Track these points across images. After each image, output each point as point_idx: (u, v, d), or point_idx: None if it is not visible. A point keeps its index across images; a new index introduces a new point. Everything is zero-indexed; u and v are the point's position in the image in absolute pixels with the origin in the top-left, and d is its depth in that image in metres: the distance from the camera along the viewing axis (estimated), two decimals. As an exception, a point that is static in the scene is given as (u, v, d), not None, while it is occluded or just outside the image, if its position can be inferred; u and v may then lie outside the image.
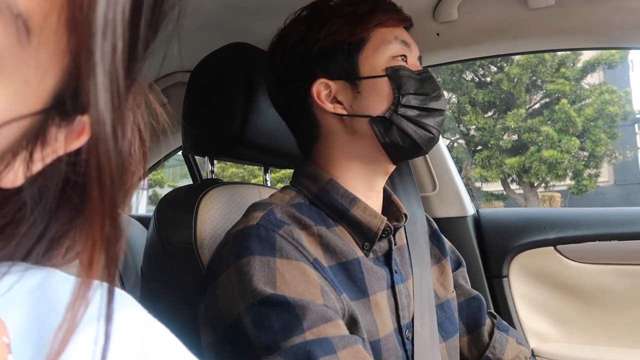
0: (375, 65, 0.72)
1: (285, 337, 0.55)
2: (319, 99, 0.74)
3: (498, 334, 0.88)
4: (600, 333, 1.16)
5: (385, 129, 0.71)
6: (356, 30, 0.73)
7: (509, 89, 9.26)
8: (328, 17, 0.74)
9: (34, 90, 0.22)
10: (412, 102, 0.71)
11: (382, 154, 0.74)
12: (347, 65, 0.73)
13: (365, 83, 0.73)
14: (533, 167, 9.05)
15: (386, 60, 0.73)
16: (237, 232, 0.64)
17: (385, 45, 0.73)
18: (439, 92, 0.74)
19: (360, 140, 0.74)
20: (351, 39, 0.73)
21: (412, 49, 0.76)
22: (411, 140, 0.72)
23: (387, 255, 0.76)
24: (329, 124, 0.75)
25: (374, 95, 0.72)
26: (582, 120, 8.91)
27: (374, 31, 0.74)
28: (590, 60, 9.29)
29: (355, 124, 0.73)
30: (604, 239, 1.16)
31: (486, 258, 1.29)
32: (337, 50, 0.73)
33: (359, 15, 0.74)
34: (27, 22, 0.19)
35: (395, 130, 0.71)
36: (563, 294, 1.21)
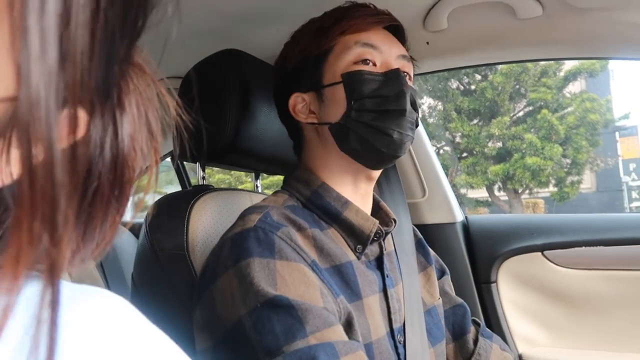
0: (335, 72, 0.74)
1: (288, 341, 0.55)
2: (294, 111, 0.78)
3: (482, 341, 0.89)
4: (588, 337, 1.18)
5: (343, 135, 0.73)
6: (321, 42, 0.76)
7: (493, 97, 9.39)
8: (301, 35, 0.79)
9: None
10: (366, 106, 0.71)
11: (350, 161, 0.75)
12: (315, 76, 0.76)
13: (327, 91, 0.75)
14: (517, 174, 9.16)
15: (346, 66, 0.74)
16: (235, 235, 0.64)
17: (345, 52, 0.74)
18: (400, 91, 0.71)
19: (330, 147, 0.76)
20: (317, 51, 0.76)
21: (385, 49, 0.75)
22: (370, 145, 0.71)
23: (378, 260, 0.77)
24: (307, 134, 0.79)
25: (332, 103, 0.74)
26: (565, 128, 9.07)
27: (337, 40, 0.76)
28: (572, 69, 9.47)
29: (324, 131, 0.76)
30: (590, 245, 1.18)
31: (475, 264, 1.30)
32: (306, 64, 0.77)
33: (325, 27, 0.77)
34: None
35: (352, 136, 0.72)
36: (550, 299, 1.22)
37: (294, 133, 0.83)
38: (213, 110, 0.86)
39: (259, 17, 1.03)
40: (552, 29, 1.00)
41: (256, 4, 0.98)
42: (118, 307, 0.30)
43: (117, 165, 0.25)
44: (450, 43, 1.11)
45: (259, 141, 0.89)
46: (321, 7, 0.82)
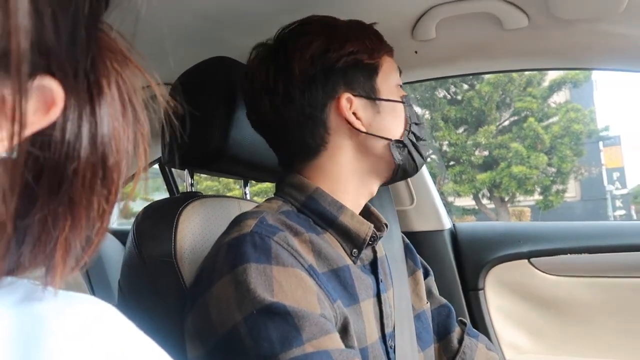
0: (391, 90, 0.78)
1: (284, 349, 0.54)
2: (343, 109, 0.73)
3: (468, 340, 0.90)
4: (573, 344, 1.19)
5: (400, 151, 0.76)
6: (374, 54, 0.76)
7: (480, 106, 9.50)
8: (347, 35, 0.75)
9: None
10: (416, 130, 0.79)
11: (383, 174, 0.78)
12: (368, 85, 0.76)
13: (385, 105, 0.76)
14: (503, 182, 9.27)
15: (394, 87, 0.78)
16: (232, 240, 0.63)
17: (393, 74, 0.79)
18: (423, 123, 0.82)
19: (370, 157, 0.76)
20: (370, 61, 0.76)
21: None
22: (414, 164, 0.79)
23: (372, 264, 0.77)
24: (339, 138, 0.75)
25: (393, 118, 0.77)
26: (550, 137, 9.21)
27: (384, 58, 0.78)
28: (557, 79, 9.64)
29: (370, 142, 0.75)
30: (575, 252, 1.20)
31: (462, 271, 1.31)
32: (359, 69, 0.75)
33: (374, 40, 0.78)
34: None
35: (406, 154, 0.77)
36: (537, 306, 1.23)
37: (311, 134, 0.74)
38: (202, 116, 0.86)
39: (248, 24, 1.04)
40: (537, 39, 1.02)
41: (245, 11, 0.98)
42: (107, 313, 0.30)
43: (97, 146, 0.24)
44: (439, 52, 1.12)
45: (248, 148, 0.89)
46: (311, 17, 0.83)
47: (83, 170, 0.23)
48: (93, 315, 0.29)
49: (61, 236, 0.25)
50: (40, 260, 0.25)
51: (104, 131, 0.23)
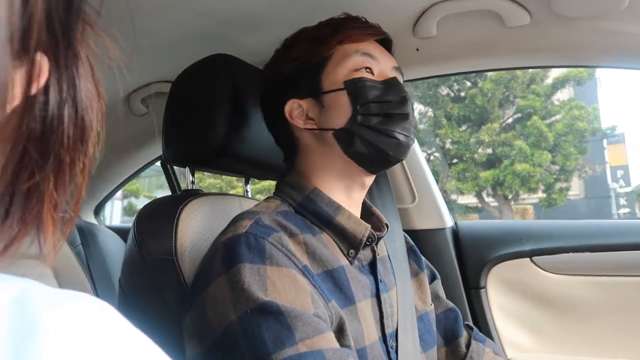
0: (335, 79, 0.76)
1: (277, 349, 0.54)
2: (291, 117, 0.78)
3: (475, 345, 0.90)
4: (575, 343, 1.19)
5: (348, 139, 0.74)
6: (318, 50, 0.78)
7: (482, 103, 9.47)
8: (296, 42, 0.80)
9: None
10: (372, 110, 0.73)
11: (354, 165, 0.76)
12: (312, 83, 0.77)
13: (327, 97, 0.76)
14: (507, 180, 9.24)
15: (347, 73, 0.76)
16: (227, 240, 0.64)
17: (345, 60, 0.76)
18: (402, 97, 0.75)
19: (331, 152, 0.76)
20: (314, 59, 0.77)
21: (381, 60, 0.78)
22: (375, 148, 0.73)
23: (371, 264, 0.77)
24: (304, 139, 0.79)
25: (335, 108, 0.75)
26: (554, 135, 9.17)
27: (335, 48, 0.77)
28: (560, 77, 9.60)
29: (325, 137, 0.76)
30: (577, 251, 1.19)
31: (464, 269, 1.30)
32: (303, 71, 0.78)
33: (323, 36, 0.78)
34: None
35: (357, 140, 0.73)
36: (539, 305, 1.23)
37: (285, 139, 0.82)
38: (203, 114, 0.86)
39: (249, 22, 1.04)
40: (539, 37, 1.02)
41: (247, 9, 0.98)
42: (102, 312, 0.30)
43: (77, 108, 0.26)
44: (440, 50, 1.12)
45: (249, 146, 0.89)
46: (311, 15, 0.83)
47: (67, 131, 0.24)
48: (88, 314, 0.29)
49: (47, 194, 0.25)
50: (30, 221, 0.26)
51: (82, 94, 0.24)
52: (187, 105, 0.90)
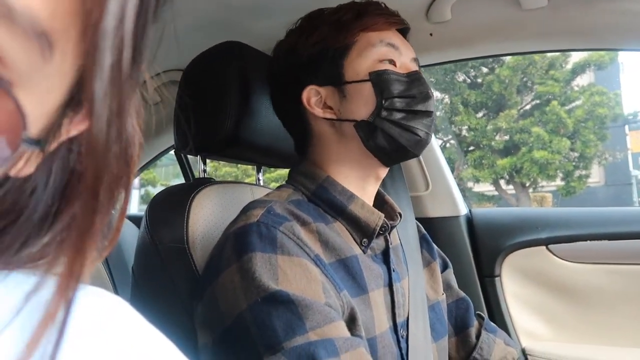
0: (359, 69, 0.74)
1: (288, 337, 0.54)
2: (309, 104, 0.76)
3: (485, 335, 0.89)
4: (592, 332, 1.17)
5: (370, 132, 0.72)
6: (341, 36, 0.74)
7: (500, 90, 9.33)
8: (316, 25, 0.76)
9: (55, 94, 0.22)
10: (396, 105, 0.72)
11: (371, 157, 0.75)
12: (334, 70, 0.75)
13: (350, 87, 0.74)
14: (524, 168, 9.12)
15: (371, 63, 0.73)
16: (238, 230, 0.64)
17: (369, 49, 0.74)
18: (426, 94, 0.73)
19: (349, 143, 0.75)
20: (337, 45, 0.74)
21: (403, 51, 0.76)
22: (397, 143, 0.72)
23: (384, 254, 0.76)
24: (320, 128, 0.77)
25: (358, 100, 0.73)
26: (573, 122, 9.00)
27: (359, 35, 0.75)
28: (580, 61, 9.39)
29: (344, 127, 0.75)
30: (595, 239, 1.17)
31: (478, 257, 1.29)
32: (324, 57, 0.75)
33: (345, 21, 0.75)
34: (50, 38, 0.19)
35: (379, 134, 0.72)
36: (555, 293, 1.21)
37: (298, 127, 0.80)
38: (214, 102, 0.86)
39: (260, 9, 1.03)
40: (557, 19, 0.99)
41: (257, -5, 0.97)
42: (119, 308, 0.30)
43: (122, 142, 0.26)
44: (454, 35, 1.10)
45: (260, 134, 0.89)
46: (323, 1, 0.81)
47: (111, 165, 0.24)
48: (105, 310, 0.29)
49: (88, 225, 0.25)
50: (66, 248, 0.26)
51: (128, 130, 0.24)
52: (198, 93, 0.90)
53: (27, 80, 0.20)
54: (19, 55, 0.19)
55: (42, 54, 0.19)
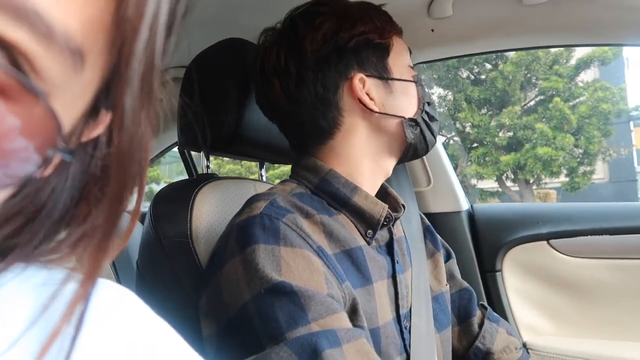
0: (402, 69, 0.78)
1: (291, 328, 0.55)
2: (357, 90, 0.72)
3: (488, 325, 0.89)
4: (593, 326, 1.18)
5: (413, 130, 0.76)
6: (384, 34, 0.76)
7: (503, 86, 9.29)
8: (359, 15, 0.74)
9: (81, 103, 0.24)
10: (429, 110, 0.79)
11: (396, 153, 0.79)
12: (380, 64, 0.76)
13: (397, 84, 0.76)
14: (528, 164, 9.09)
15: (406, 68, 0.78)
16: (241, 222, 0.64)
17: (403, 54, 0.79)
18: (433, 102, 0.81)
19: (383, 137, 0.76)
20: (381, 41, 0.75)
21: None
22: (425, 143, 0.79)
23: (388, 245, 0.77)
24: (352, 119, 0.74)
25: (406, 97, 0.77)
26: (577, 118, 8.96)
27: (394, 38, 0.78)
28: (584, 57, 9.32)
29: (384, 121, 0.75)
30: (595, 234, 1.17)
31: (480, 252, 1.30)
32: (370, 49, 0.75)
33: (384, 20, 0.77)
34: (82, 54, 0.21)
35: (419, 133, 0.77)
36: (556, 288, 1.22)
37: (323, 116, 0.74)
38: (216, 99, 0.86)
39: (263, 6, 1.03)
40: (559, 14, 0.99)
41: (259, -8, 0.98)
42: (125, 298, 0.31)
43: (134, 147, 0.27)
44: (456, 30, 1.10)
45: (263, 130, 0.89)
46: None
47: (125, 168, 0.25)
48: (112, 300, 0.30)
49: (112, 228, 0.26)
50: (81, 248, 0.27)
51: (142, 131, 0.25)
52: (201, 90, 0.91)
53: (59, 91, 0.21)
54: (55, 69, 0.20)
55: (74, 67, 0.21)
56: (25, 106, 0.19)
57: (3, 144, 0.19)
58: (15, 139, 0.19)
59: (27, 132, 0.20)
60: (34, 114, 0.20)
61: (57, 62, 0.20)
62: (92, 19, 0.21)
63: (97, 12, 0.21)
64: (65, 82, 0.21)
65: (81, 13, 0.20)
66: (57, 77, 0.20)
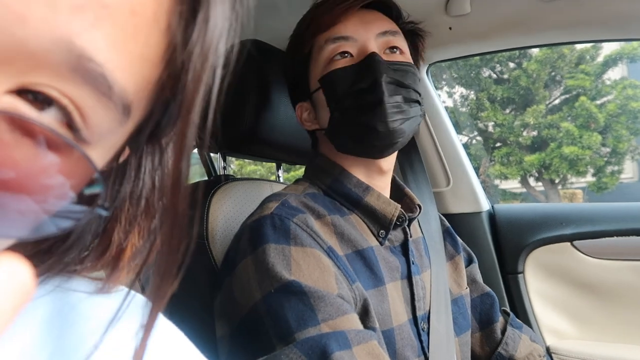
0: (315, 77, 0.74)
1: (300, 328, 0.55)
2: (302, 120, 0.79)
3: (511, 331, 0.87)
4: (618, 330, 1.14)
5: (335, 137, 0.74)
6: (300, 47, 0.76)
7: (527, 85, 9.12)
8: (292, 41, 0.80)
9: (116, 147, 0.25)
10: (345, 105, 0.70)
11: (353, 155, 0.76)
12: (304, 83, 0.77)
13: (314, 97, 0.76)
14: (554, 164, 8.90)
15: (322, 67, 0.72)
16: (253, 223, 0.65)
17: (319, 53, 0.73)
18: (373, 81, 0.67)
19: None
20: (299, 57, 0.76)
21: (358, 34, 0.71)
22: (361, 142, 0.71)
23: (403, 246, 0.76)
24: (318, 136, 0.80)
25: (320, 109, 0.75)
26: (604, 116, 8.73)
27: (313, 41, 0.74)
28: (612, 54, 9.08)
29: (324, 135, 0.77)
30: (621, 235, 1.14)
31: (501, 254, 1.27)
32: (295, 71, 0.78)
33: (300, 33, 0.76)
34: (130, 109, 0.22)
35: (342, 137, 0.73)
36: (580, 291, 1.19)
37: (310, 135, 0.84)
38: (233, 101, 0.87)
39: (276, 6, 1.03)
40: (580, 9, 0.96)
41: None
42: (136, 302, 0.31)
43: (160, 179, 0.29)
44: (474, 28, 1.08)
45: (279, 131, 0.90)
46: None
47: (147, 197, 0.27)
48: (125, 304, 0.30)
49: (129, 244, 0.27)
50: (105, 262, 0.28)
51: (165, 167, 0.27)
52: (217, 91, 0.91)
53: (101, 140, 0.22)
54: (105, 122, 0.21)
55: (121, 121, 0.22)
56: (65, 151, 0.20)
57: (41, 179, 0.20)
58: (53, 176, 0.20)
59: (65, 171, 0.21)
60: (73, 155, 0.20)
61: (109, 117, 0.21)
62: (143, 81, 0.22)
63: (148, 76, 0.22)
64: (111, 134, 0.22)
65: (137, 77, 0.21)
66: (106, 129, 0.22)
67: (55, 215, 0.21)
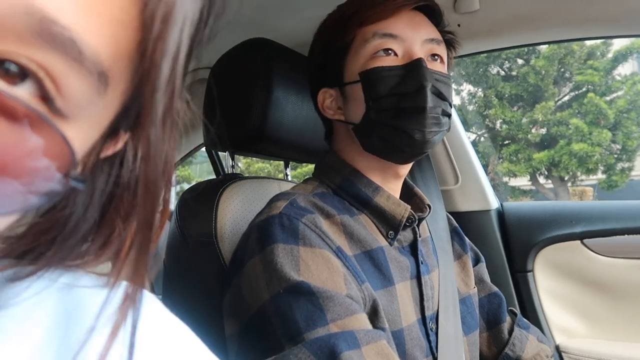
0: (355, 69, 0.71)
1: (309, 328, 0.55)
2: (323, 107, 0.77)
3: (518, 331, 0.87)
4: (628, 329, 1.13)
5: (364, 135, 0.72)
6: (340, 35, 0.73)
7: (536, 81, 9.06)
8: (324, 26, 0.77)
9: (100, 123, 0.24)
10: (384, 105, 0.68)
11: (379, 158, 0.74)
12: (337, 71, 0.74)
13: (348, 89, 0.73)
14: (563, 161, 8.83)
15: (363, 62, 0.70)
16: (261, 222, 0.65)
17: (363, 46, 0.71)
18: (419, 87, 0.66)
19: (359, 145, 0.75)
20: (338, 45, 0.73)
21: (407, 36, 0.70)
22: (391, 145, 0.70)
23: (412, 246, 0.76)
24: (337, 128, 0.78)
25: (354, 102, 0.72)
26: (614, 112, 8.64)
27: (356, 32, 0.72)
28: (622, 49, 8.99)
29: (350, 129, 0.74)
30: (632, 233, 1.13)
31: (510, 252, 1.26)
32: (330, 58, 0.75)
33: (344, 18, 0.73)
34: (107, 77, 0.22)
35: (374, 137, 0.71)
36: (590, 289, 1.18)
37: (325, 124, 0.82)
38: (241, 99, 0.87)
39: (286, 6, 1.03)
40: (590, 5, 0.96)
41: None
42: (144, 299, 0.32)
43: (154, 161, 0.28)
44: (483, 25, 1.08)
45: (287, 129, 0.90)
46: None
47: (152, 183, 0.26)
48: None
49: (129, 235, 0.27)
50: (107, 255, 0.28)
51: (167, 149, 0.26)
52: (225, 90, 0.92)
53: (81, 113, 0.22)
54: (80, 91, 0.21)
55: (98, 90, 0.22)
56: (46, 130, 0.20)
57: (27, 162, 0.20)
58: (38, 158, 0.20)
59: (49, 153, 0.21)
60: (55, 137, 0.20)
61: (83, 84, 0.21)
62: (118, 47, 0.21)
63: (124, 41, 0.22)
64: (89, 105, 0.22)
65: (110, 41, 0.21)
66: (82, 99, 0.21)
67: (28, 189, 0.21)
